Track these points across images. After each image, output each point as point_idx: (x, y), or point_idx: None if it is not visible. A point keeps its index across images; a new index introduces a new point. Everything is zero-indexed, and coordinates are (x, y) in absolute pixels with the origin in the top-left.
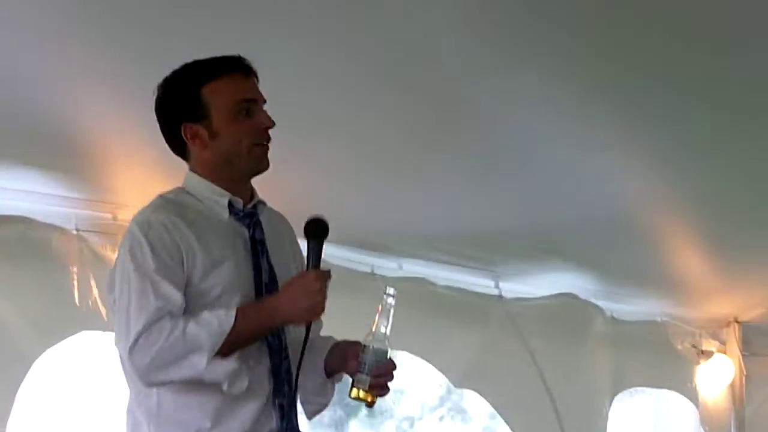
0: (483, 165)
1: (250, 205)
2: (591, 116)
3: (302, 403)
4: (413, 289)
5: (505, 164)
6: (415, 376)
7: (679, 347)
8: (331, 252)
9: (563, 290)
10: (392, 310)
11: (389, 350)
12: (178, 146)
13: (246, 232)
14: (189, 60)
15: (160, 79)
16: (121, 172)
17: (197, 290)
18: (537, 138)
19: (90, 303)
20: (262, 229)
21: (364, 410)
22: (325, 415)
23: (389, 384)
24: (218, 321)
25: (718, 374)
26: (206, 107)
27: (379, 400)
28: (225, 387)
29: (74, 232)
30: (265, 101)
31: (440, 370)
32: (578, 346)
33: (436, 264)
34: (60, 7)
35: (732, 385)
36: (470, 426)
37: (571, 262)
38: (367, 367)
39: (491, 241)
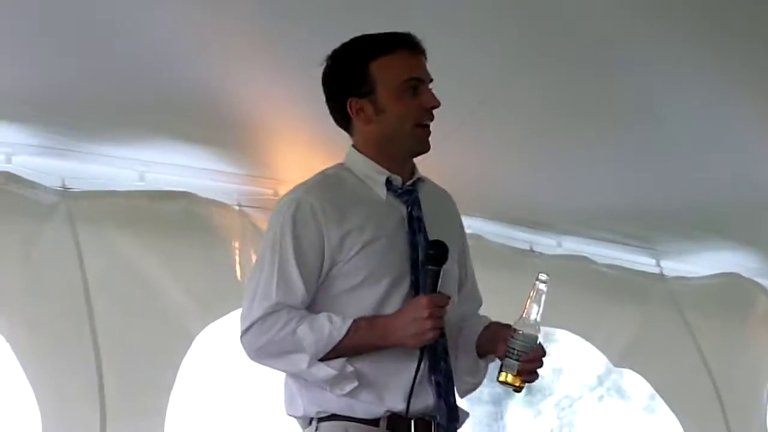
0: (643, 143)
1: (409, 182)
2: (751, 94)
3: (455, 382)
4: (572, 267)
5: (665, 142)
6: (574, 355)
7: None
8: (489, 228)
9: (725, 269)
10: (544, 296)
11: (539, 336)
12: (343, 120)
13: (404, 209)
14: (353, 33)
15: (323, 52)
16: (283, 147)
17: (346, 269)
18: (696, 114)
19: None
20: (420, 207)
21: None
22: (484, 391)
23: (538, 370)
24: (329, 330)
25: None
26: (373, 83)
27: (540, 378)
28: (328, 389)
29: (236, 207)
30: (431, 80)
31: (599, 348)
32: (741, 326)
33: (596, 242)
34: None
35: None
36: (630, 406)
37: (733, 241)
38: (516, 352)
39: (652, 219)
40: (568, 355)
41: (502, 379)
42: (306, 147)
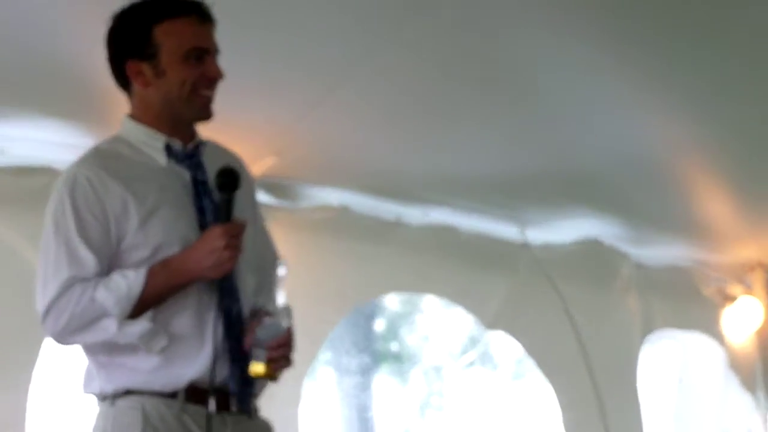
0: (508, 111)
1: (191, 146)
2: (618, 60)
3: None
4: (439, 238)
5: (530, 109)
6: (440, 324)
7: (705, 292)
8: (355, 200)
9: (587, 236)
10: (283, 282)
11: (285, 322)
12: (123, 83)
13: (187, 174)
14: (220, 9)
15: None
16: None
17: (135, 241)
18: (562, 82)
19: None
20: (204, 170)
21: (391, 358)
22: (353, 362)
23: (288, 356)
24: (127, 285)
25: (744, 318)
26: (156, 46)
27: (407, 347)
28: (142, 348)
29: None
30: (218, 52)
31: (471, 311)
32: (606, 290)
33: (462, 212)
34: None
35: (758, 329)
36: (498, 372)
37: (596, 209)
38: (259, 341)
39: (516, 187)
40: (434, 323)
41: (252, 369)
42: None
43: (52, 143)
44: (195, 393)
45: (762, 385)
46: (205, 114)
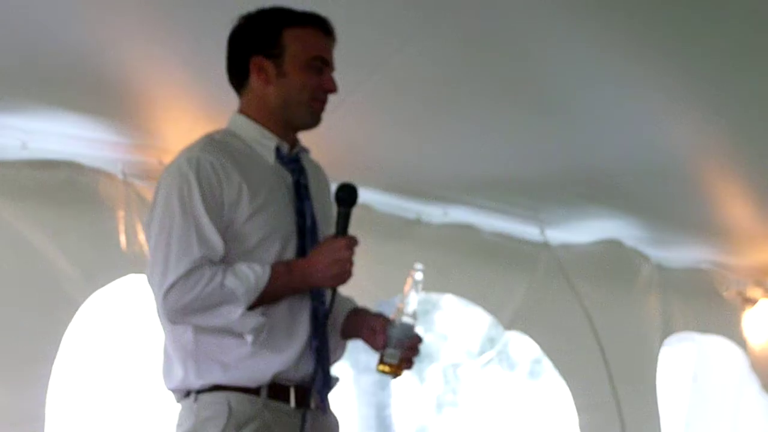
0: (529, 111)
1: (294, 151)
2: (638, 61)
3: None
4: (459, 236)
5: (551, 110)
6: (459, 323)
7: (725, 294)
8: (376, 198)
9: (609, 237)
10: (420, 286)
11: (416, 325)
12: (239, 78)
13: (290, 177)
14: (237, 7)
15: (209, 20)
16: (167, 116)
17: (239, 232)
18: (582, 83)
19: (136, 247)
20: (306, 175)
21: None
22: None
23: (414, 359)
24: (255, 277)
25: (764, 320)
26: (283, 47)
27: (426, 345)
28: (249, 339)
29: (120, 176)
30: (333, 69)
31: (489, 311)
32: (625, 291)
33: (482, 210)
34: None
35: None
36: (514, 373)
37: (616, 209)
38: (396, 341)
39: (537, 187)
40: (453, 322)
41: (382, 369)
42: (191, 116)
43: (73, 137)
44: (277, 389)
45: None
46: (315, 122)
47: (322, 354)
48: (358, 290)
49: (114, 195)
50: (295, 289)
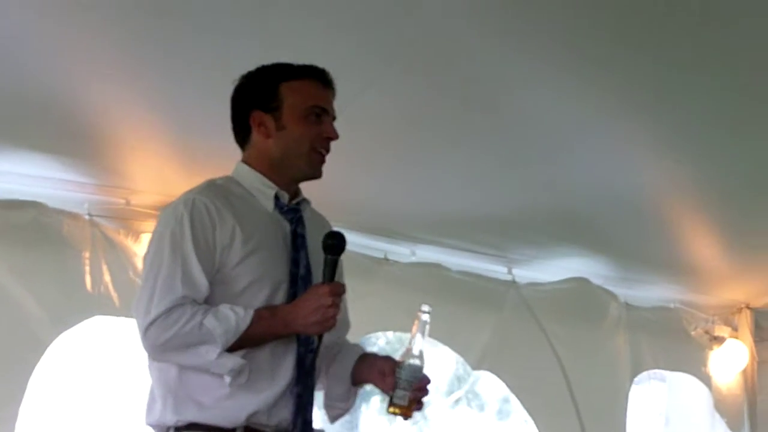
0: (496, 151)
1: (294, 202)
2: (606, 103)
3: (325, 407)
4: (427, 275)
5: (518, 149)
6: (428, 362)
7: (693, 333)
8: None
9: (576, 276)
10: (427, 327)
11: (423, 366)
12: (242, 133)
13: (288, 226)
14: (211, 47)
15: (179, 63)
16: (134, 157)
17: (229, 275)
18: (549, 124)
19: (102, 288)
20: (304, 225)
21: (377, 394)
22: None
23: (423, 400)
24: (236, 319)
25: (731, 359)
26: (280, 101)
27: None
28: (227, 380)
29: (87, 217)
30: (335, 118)
31: (457, 352)
32: (593, 330)
33: (449, 250)
34: None
35: (744, 371)
36: (483, 412)
37: (584, 248)
38: (404, 383)
39: (504, 226)
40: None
41: (392, 410)
42: (159, 157)
43: (39, 178)
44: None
45: (747, 427)
46: (316, 172)
47: (303, 401)
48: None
49: (80, 236)
50: (278, 335)
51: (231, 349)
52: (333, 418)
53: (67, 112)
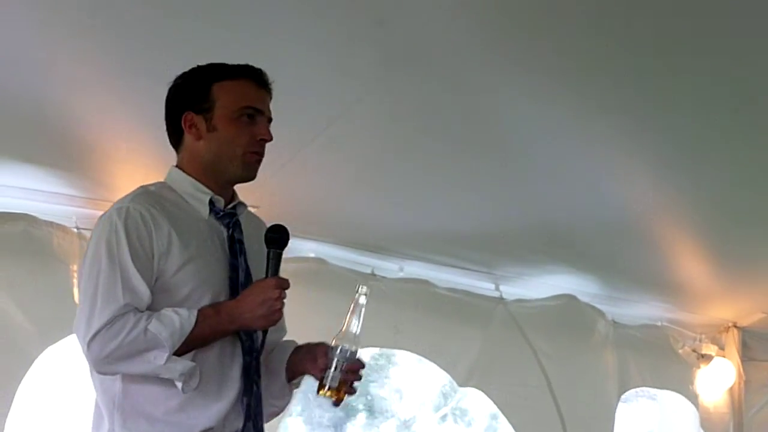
0: (484, 167)
1: (230, 206)
2: (595, 119)
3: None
4: (414, 291)
5: (506, 166)
6: (414, 378)
7: (680, 351)
8: (331, 253)
9: (564, 293)
10: (363, 310)
11: (358, 350)
12: (175, 135)
13: (225, 231)
14: (200, 58)
15: (167, 76)
16: (122, 170)
17: (168, 284)
18: (538, 140)
19: None
20: (241, 230)
21: (363, 411)
22: (325, 415)
23: (355, 384)
24: (180, 321)
25: (718, 378)
26: (212, 101)
27: (379, 401)
28: (179, 385)
29: (75, 230)
30: (271, 120)
31: (444, 368)
32: (580, 347)
33: (437, 266)
34: (61, 4)
35: (731, 389)
36: (472, 427)
37: (572, 266)
38: (335, 364)
39: (492, 243)
40: (408, 377)
41: (322, 393)
42: (146, 169)
43: (28, 190)
44: None
45: None
46: (250, 174)
47: (252, 410)
48: None
49: (68, 248)
50: (225, 332)
51: (179, 352)
52: (269, 416)
53: (55, 124)
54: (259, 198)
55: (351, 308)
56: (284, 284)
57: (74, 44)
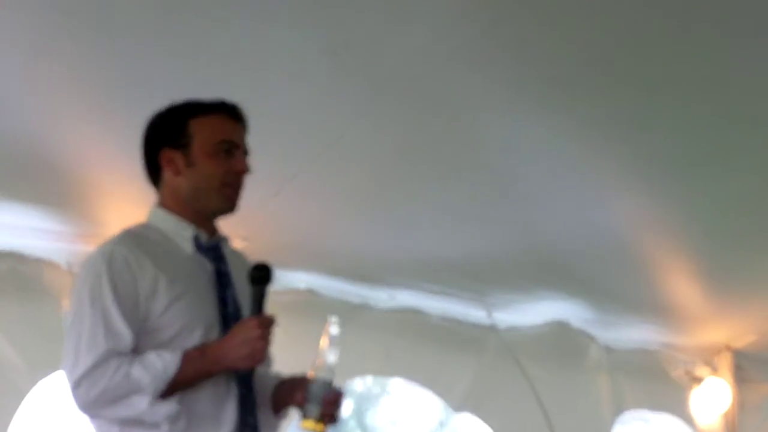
0: (474, 194)
1: (213, 240)
2: (585, 144)
3: None
4: (406, 320)
5: (496, 193)
6: (408, 406)
7: (673, 374)
8: (322, 283)
9: (556, 319)
10: (337, 340)
11: (334, 380)
12: (153, 172)
13: (210, 266)
14: (190, 92)
15: (149, 110)
16: (112, 206)
17: (157, 323)
18: (528, 166)
19: None
20: (226, 263)
21: None
22: None
23: (336, 414)
24: (163, 365)
25: (712, 399)
26: (189, 137)
27: (375, 429)
28: (165, 428)
29: (65, 266)
30: (247, 153)
31: (438, 394)
32: (574, 372)
33: (429, 294)
34: (45, 35)
35: (725, 412)
36: None
37: (563, 291)
38: (314, 397)
39: (483, 270)
40: (402, 406)
41: (305, 425)
42: (136, 206)
43: (16, 227)
44: None
45: None
46: (229, 207)
47: None
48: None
49: (58, 285)
50: (210, 373)
51: (166, 394)
52: None
53: (43, 159)
54: (249, 229)
55: (324, 338)
56: (267, 322)
57: (60, 78)
